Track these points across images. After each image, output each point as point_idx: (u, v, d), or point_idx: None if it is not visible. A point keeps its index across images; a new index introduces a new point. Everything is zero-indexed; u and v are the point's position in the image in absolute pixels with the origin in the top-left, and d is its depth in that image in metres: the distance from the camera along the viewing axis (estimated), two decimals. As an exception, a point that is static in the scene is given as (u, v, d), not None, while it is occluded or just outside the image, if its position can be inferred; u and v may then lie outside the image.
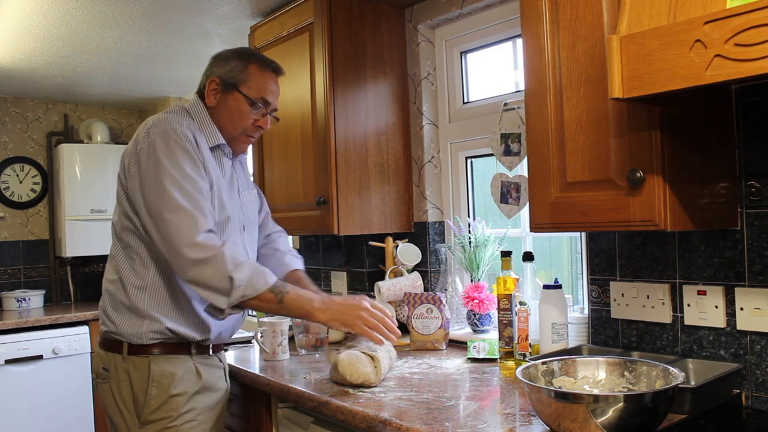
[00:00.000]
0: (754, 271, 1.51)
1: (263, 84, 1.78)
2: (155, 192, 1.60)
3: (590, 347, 1.80)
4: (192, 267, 1.56)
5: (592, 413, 1.16)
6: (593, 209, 1.44)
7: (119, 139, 4.53)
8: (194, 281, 1.58)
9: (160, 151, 1.61)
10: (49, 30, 2.78)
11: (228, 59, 1.78)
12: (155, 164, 1.61)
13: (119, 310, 1.69)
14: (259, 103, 1.78)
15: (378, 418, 1.46)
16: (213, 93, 1.77)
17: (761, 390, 1.49)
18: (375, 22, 2.45)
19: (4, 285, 4.06)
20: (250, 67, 1.77)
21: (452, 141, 2.49)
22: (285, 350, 2.16)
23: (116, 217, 1.74)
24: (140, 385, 1.65)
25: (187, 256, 1.56)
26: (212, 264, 1.55)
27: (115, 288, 1.71)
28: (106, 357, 1.71)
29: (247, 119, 1.77)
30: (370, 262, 2.68)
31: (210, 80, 1.77)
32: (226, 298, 1.57)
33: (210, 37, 2.99)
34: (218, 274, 1.55)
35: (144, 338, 1.66)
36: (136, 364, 1.66)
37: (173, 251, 1.57)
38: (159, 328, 1.66)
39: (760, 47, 0.99)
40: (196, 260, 1.56)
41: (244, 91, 1.76)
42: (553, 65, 1.52)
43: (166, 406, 1.64)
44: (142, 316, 1.66)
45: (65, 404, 3.53)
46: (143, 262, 1.68)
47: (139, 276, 1.68)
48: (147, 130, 1.66)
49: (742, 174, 1.52)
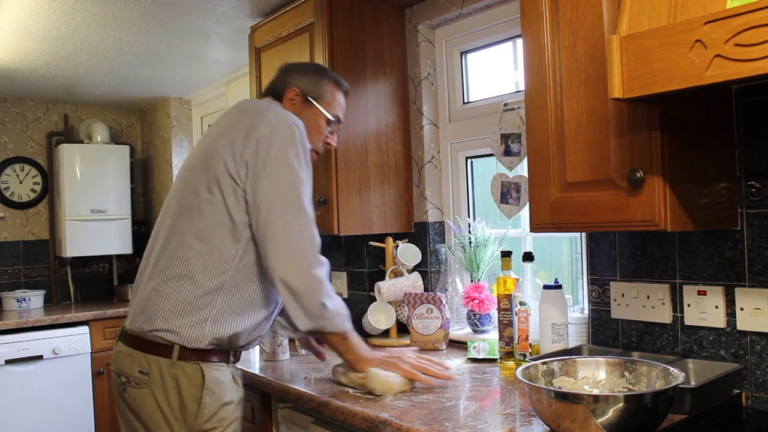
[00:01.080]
0: (754, 271, 1.51)
1: (339, 102, 1.82)
2: (281, 189, 1.53)
3: (590, 347, 1.80)
4: (308, 277, 1.52)
5: (592, 413, 1.16)
6: (593, 209, 1.44)
7: (119, 139, 4.53)
8: (294, 294, 1.53)
9: (287, 146, 1.55)
10: (49, 30, 2.78)
11: (306, 72, 1.80)
12: (283, 159, 1.54)
13: (181, 310, 1.55)
14: (335, 119, 1.80)
15: (378, 418, 1.46)
16: (291, 103, 1.76)
17: (761, 390, 1.49)
18: (375, 22, 2.45)
19: (4, 285, 4.06)
20: (328, 83, 1.80)
21: (452, 141, 2.49)
22: (285, 350, 2.16)
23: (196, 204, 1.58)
24: (191, 392, 1.54)
25: (308, 265, 1.52)
26: (318, 282, 1.54)
27: (177, 284, 1.56)
28: (145, 359, 1.55)
29: (321, 134, 1.79)
30: (370, 262, 2.68)
31: (290, 89, 1.76)
32: (310, 322, 1.56)
33: (210, 37, 2.99)
34: (315, 297, 1.54)
35: (204, 343, 1.54)
36: (186, 370, 1.54)
37: (287, 257, 1.51)
38: (222, 335, 1.56)
39: (760, 47, 0.99)
40: (316, 272, 1.53)
41: (323, 106, 1.78)
42: (553, 65, 1.52)
43: (219, 414, 1.57)
44: (208, 319, 1.55)
45: (65, 404, 3.53)
46: (224, 260, 1.56)
47: (215, 275, 1.55)
48: (268, 119, 1.58)
49: (742, 174, 1.52)
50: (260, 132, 1.56)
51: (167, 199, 1.72)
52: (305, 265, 1.53)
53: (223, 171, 1.56)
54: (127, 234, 4.13)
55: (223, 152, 1.58)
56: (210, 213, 1.57)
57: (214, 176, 1.57)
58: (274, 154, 1.55)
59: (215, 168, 1.57)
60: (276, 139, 1.55)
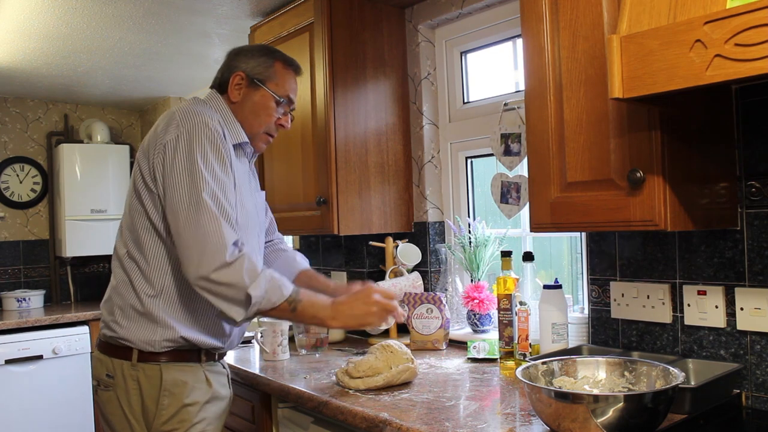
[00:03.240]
0: (754, 271, 1.51)
1: (288, 82, 1.76)
2: (185, 191, 1.52)
3: (590, 347, 1.79)
4: (210, 279, 1.48)
5: (592, 413, 1.16)
6: (593, 209, 1.44)
7: (119, 139, 4.53)
8: (210, 292, 1.50)
9: (191, 147, 1.53)
10: (49, 30, 2.78)
11: (253, 55, 1.74)
12: (186, 160, 1.53)
13: (129, 316, 1.59)
14: (285, 100, 1.75)
15: (378, 418, 1.46)
16: (237, 88, 1.71)
17: (761, 390, 1.49)
18: (375, 22, 2.45)
19: (4, 285, 4.06)
20: (276, 64, 1.74)
21: (452, 141, 2.49)
22: (285, 350, 2.16)
23: (130, 216, 1.64)
24: (151, 394, 1.57)
25: (209, 268, 1.48)
26: (231, 277, 1.48)
27: (125, 291, 1.61)
28: (111, 363, 1.60)
29: (271, 117, 1.73)
30: (370, 262, 2.68)
31: (234, 74, 1.71)
32: (243, 311, 1.51)
33: (210, 37, 2.99)
34: (235, 289, 1.49)
35: (156, 346, 1.57)
36: (147, 372, 1.57)
37: (194, 259, 1.49)
38: (173, 336, 1.58)
39: (760, 47, 0.99)
40: (217, 273, 1.48)
41: (271, 87, 1.72)
42: (553, 65, 1.52)
43: (179, 416, 1.57)
44: (155, 322, 1.57)
45: (65, 404, 3.53)
46: (159, 265, 1.59)
47: (153, 280, 1.59)
48: (176, 122, 1.57)
49: (742, 174, 1.52)
50: (168, 136, 1.55)
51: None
52: (213, 265, 1.48)
53: (141, 181, 1.60)
54: (127, 234, 4.13)
55: (142, 161, 1.61)
56: (139, 222, 1.61)
57: (138, 184, 1.61)
58: (179, 158, 1.53)
59: (137, 178, 1.61)
60: (181, 142, 1.54)
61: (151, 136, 1.62)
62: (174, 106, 1.68)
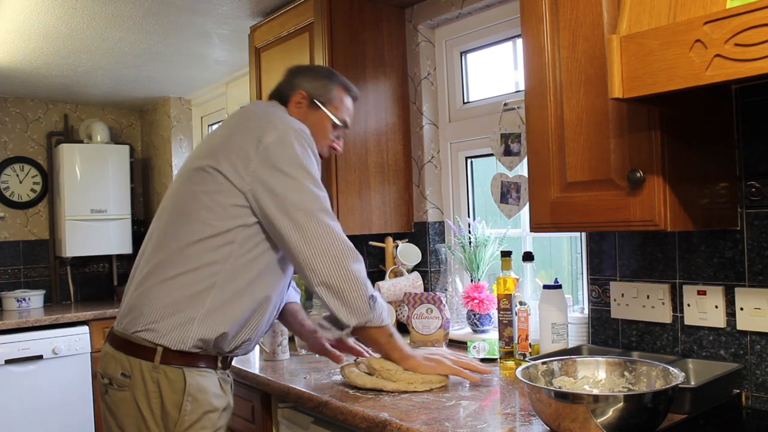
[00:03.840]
0: (754, 271, 1.51)
1: (347, 107, 1.79)
2: (300, 194, 1.52)
3: (590, 347, 1.79)
4: (347, 274, 1.51)
5: (592, 413, 1.16)
6: (593, 209, 1.44)
7: (119, 139, 4.53)
8: (338, 293, 1.52)
9: (297, 150, 1.54)
10: (49, 30, 2.78)
11: (315, 75, 1.77)
12: (295, 164, 1.53)
13: (166, 310, 1.51)
14: (342, 124, 1.77)
15: (378, 418, 1.46)
16: (298, 106, 1.73)
17: (761, 390, 1.49)
18: (375, 22, 2.45)
19: (4, 285, 4.06)
20: (337, 87, 1.77)
21: (452, 141, 2.49)
22: (285, 350, 2.16)
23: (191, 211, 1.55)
24: (173, 398, 1.50)
25: (346, 262, 1.51)
26: (359, 278, 1.53)
27: (170, 286, 1.52)
28: (128, 362, 1.52)
29: (327, 138, 1.76)
30: (370, 262, 2.68)
31: (297, 92, 1.73)
32: (357, 317, 1.54)
33: (210, 37, 2.99)
34: (361, 292, 1.52)
35: (187, 344, 1.50)
36: (168, 375, 1.50)
37: (324, 258, 1.50)
38: (209, 336, 1.52)
39: (760, 47, 0.99)
40: (354, 265, 1.52)
41: (330, 110, 1.75)
42: (553, 65, 1.52)
43: (201, 422, 1.52)
44: (192, 320, 1.50)
45: (65, 404, 3.53)
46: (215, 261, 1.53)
47: (203, 278, 1.52)
48: (273, 125, 1.56)
49: (742, 174, 1.52)
50: (267, 139, 1.54)
51: (164, 201, 1.68)
52: (344, 264, 1.52)
53: (222, 176, 1.54)
54: (127, 234, 4.13)
55: (222, 157, 1.55)
56: (206, 217, 1.54)
57: (213, 180, 1.55)
58: (287, 159, 1.53)
59: (214, 172, 1.55)
60: (286, 145, 1.54)
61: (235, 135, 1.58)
62: (257, 107, 1.71)
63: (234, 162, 1.54)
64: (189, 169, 1.63)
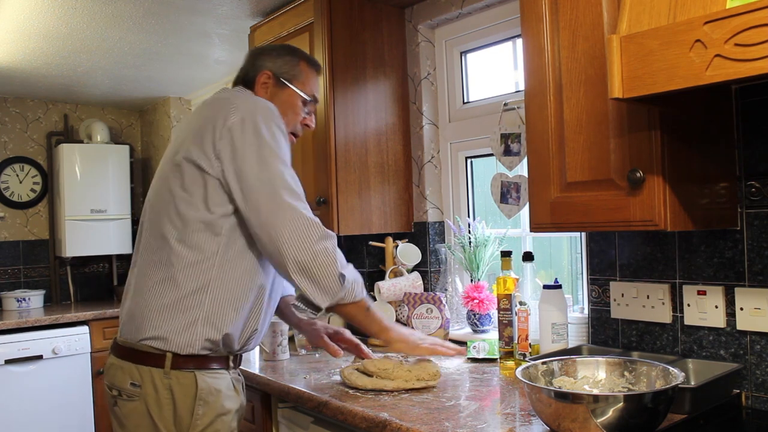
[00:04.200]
0: (754, 271, 1.51)
1: (313, 81, 1.76)
2: (266, 174, 1.48)
3: (590, 347, 1.80)
4: (313, 253, 1.46)
5: (592, 413, 1.16)
6: (593, 209, 1.44)
7: (119, 139, 4.53)
8: (307, 272, 1.47)
9: (262, 129, 1.50)
10: (49, 30, 2.78)
11: (278, 54, 1.73)
12: (261, 143, 1.49)
13: (168, 314, 1.49)
14: (311, 99, 1.75)
15: (378, 418, 1.46)
16: (264, 87, 1.70)
17: (761, 390, 1.49)
18: (375, 22, 2.45)
19: (4, 285, 4.06)
20: (301, 63, 1.74)
21: (452, 141, 2.49)
22: (285, 350, 2.16)
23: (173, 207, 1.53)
24: (185, 403, 1.48)
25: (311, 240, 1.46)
26: (333, 250, 1.49)
27: (164, 289, 1.51)
28: (137, 371, 1.49)
29: (298, 115, 1.73)
30: (370, 262, 2.68)
31: (261, 73, 1.70)
32: (329, 297, 1.50)
33: (210, 37, 2.99)
34: (330, 270, 1.48)
35: (196, 346, 1.48)
36: (180, 380, 1.48)
37: (290, 239, 1.45)
38: (215, 336, 1.50)
39: (760, 47, 0.99)
40: (321, 243, 1.47)
41: (297, 86, 1.71)
42: (553, 65, 1.52)
43: (214, 425, 1.50)
44: (196, 321, 1.49)
45: (65, 404, 3.53)
46: (205, 257, 1.50)
47: (198, 275, 1.50)
48: (235, 106, 1.53)
49: (742, 174, 1.52)
50: (230, 120, 1.51)
51: (146, 201, 1.66)
52: (311, 241, 1.47)
53: (195, 166, 1.52)
54: (127, 234, 4.13)
55: (193, 148, 1.53)
56: (186, 211, 1.51)
57: (187, 173, 1.52)
58: (250, 140, 1.50)
59: (186, 165, 1.53)
60: (248, 125, 1.50)
61: (201, 123, 1.55)
62: (220, 94, 1.65)
63: (204, 149, 1.51)
64: (165, 166, 1.60)
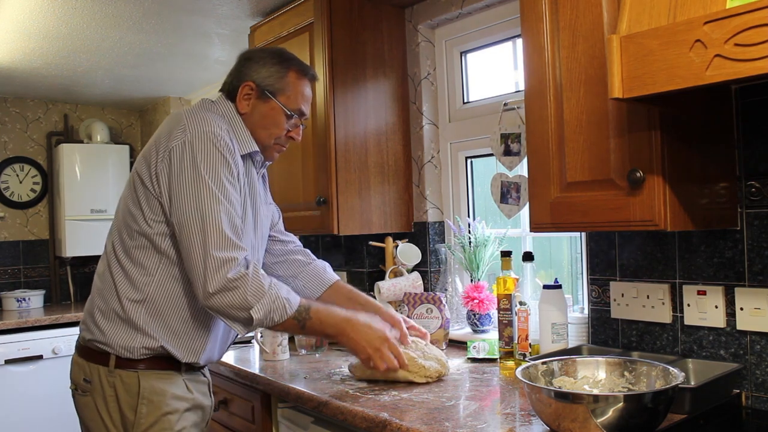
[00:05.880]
0: (754, 271, 1.51)
1: (301, 94, 1.68)
2: (192, 204, 1.47)
3: (590, 347, 1.80)
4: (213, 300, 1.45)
5: (592, 413, 1.16)
6: (593, 209, 1.44)
7: (119, 139, 4.53)
8: (214, 310, 1.48)
9: (198, 155, 1.47)
10: (49, 30, 2.78)
11: (265, 62, 1.66)
12: (192, 170, 1.47)
13: (110, 319, 1.56)
14: (296, 114, 1.68)
15: (378, 418, 1.46)
16: (246, 99, 1.64)
17: (761, 390, 1.49)
18: (375, 22, 2.45)
19: (4, 285, 4.06)
20: (290, 74, 1.66)
21: (452, 141, 2.49)
22: (285, 350, 2.16)
23: (122, 218, 1.59)
24: (129, 401, 1.53)
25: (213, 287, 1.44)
26: (233, 299, 1.45)
27: (108, 295, 1.58)
28: (88, 368, 1.57)
29: (281, 129, 1.67)
30: (370, 262, 2.68)
31: (244, 84, 1.64)
32: (245, 328, 1.50)
33: (210, 37, 2.99)
34: (237, 310, 1.46)
35: (135, 353, 1.53)
36: (124, 378, 1.54)
37: (200, 278, 1.45)
38: (153, 345, 1.54)
39: (760, 47, 0.99)
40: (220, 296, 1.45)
41: (282, 101, 1.64)
42: (553, 65, 1.52)
43: (158, 425, 1.53)
44: (136, 329, 1.54)
45: (65, 404, 3.50)
46: (147, 273, 1.55)
47: (138, 287, 1.55)
48: (183, 127, 1.51)
49: (742, 174, 1.52)
50: (173, 141, 1.50)
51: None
52: (216, 286, 1.44)
53: (141, 184, 1.55)
54: (127, 234, 4.13)
55: (143, 162, 1.56)
56: (133, 226, 1.56)
57: (137, 187, 1.56)
58: (186, 169, 1.48)
59: (136, 179, 1.56)
60: (187, 152, 1.49)
61: (155, 139, 1.57)
62: (181, 109, 1.63)
63: (149, 166, 1.53)
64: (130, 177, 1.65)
